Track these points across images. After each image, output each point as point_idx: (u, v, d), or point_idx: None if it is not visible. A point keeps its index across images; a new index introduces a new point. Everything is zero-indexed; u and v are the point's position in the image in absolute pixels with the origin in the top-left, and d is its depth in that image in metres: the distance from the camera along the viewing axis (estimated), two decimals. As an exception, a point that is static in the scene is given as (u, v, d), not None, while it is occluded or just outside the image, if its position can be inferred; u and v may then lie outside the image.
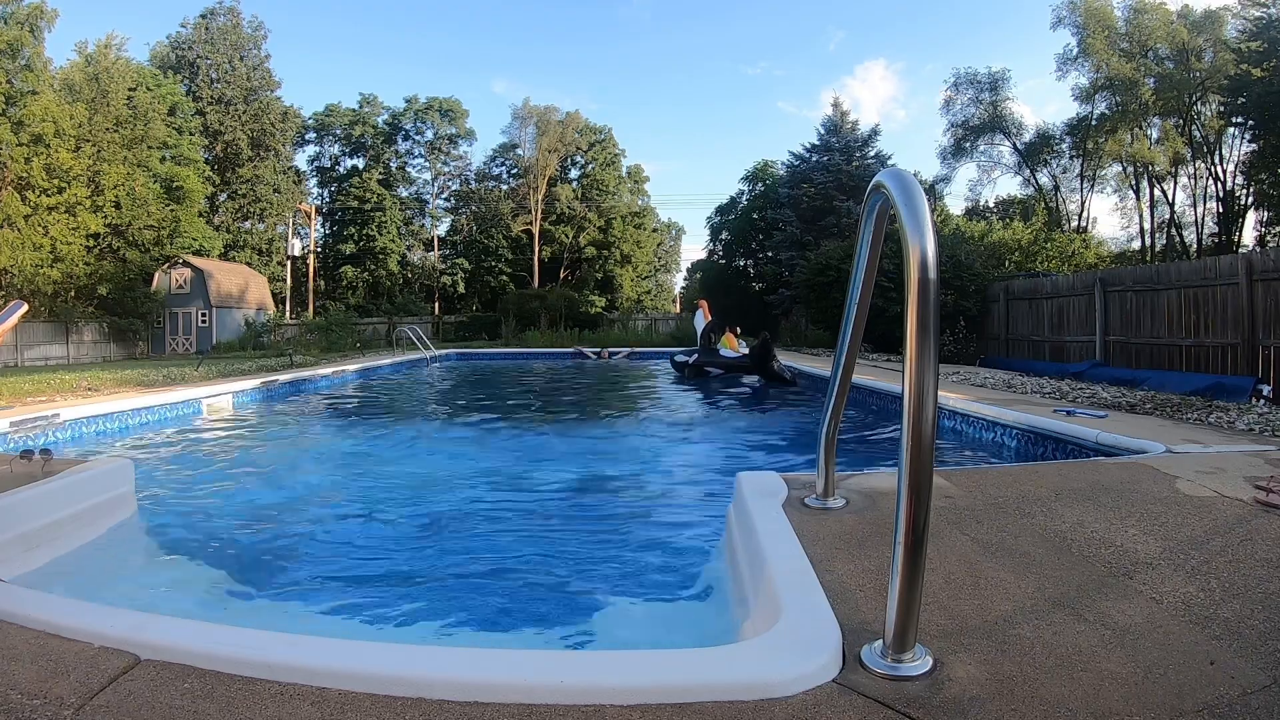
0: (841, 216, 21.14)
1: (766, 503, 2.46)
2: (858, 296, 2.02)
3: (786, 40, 60.82)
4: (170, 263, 26.01)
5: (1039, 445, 4.85)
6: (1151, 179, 26.19)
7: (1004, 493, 2.68)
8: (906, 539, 1.32)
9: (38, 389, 7.64)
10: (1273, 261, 8.28)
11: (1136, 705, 1.23)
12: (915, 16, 58.38)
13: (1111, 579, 1.84)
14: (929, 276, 1.29)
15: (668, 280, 46.77)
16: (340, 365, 12.65)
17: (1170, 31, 23.32)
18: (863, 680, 1.33)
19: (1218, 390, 7.21)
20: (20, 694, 1.31)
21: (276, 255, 36.89)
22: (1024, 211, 28.12)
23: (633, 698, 1.27)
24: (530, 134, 37.13)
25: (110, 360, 21.41)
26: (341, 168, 39.61)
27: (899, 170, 1.53)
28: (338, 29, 58.87)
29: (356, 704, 1.27)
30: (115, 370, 11.71)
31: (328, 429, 7.23)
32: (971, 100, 28.08)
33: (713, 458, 5.72)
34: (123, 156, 23.47)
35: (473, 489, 4.46)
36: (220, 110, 33.48)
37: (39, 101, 21.24)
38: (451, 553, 3.18)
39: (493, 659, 1.52)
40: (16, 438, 5.03)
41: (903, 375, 1.33)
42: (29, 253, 20.74)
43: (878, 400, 7.47)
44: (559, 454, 5.87)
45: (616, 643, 2.26)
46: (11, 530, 2.55)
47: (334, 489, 4.52)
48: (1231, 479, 2.86)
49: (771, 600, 1.70)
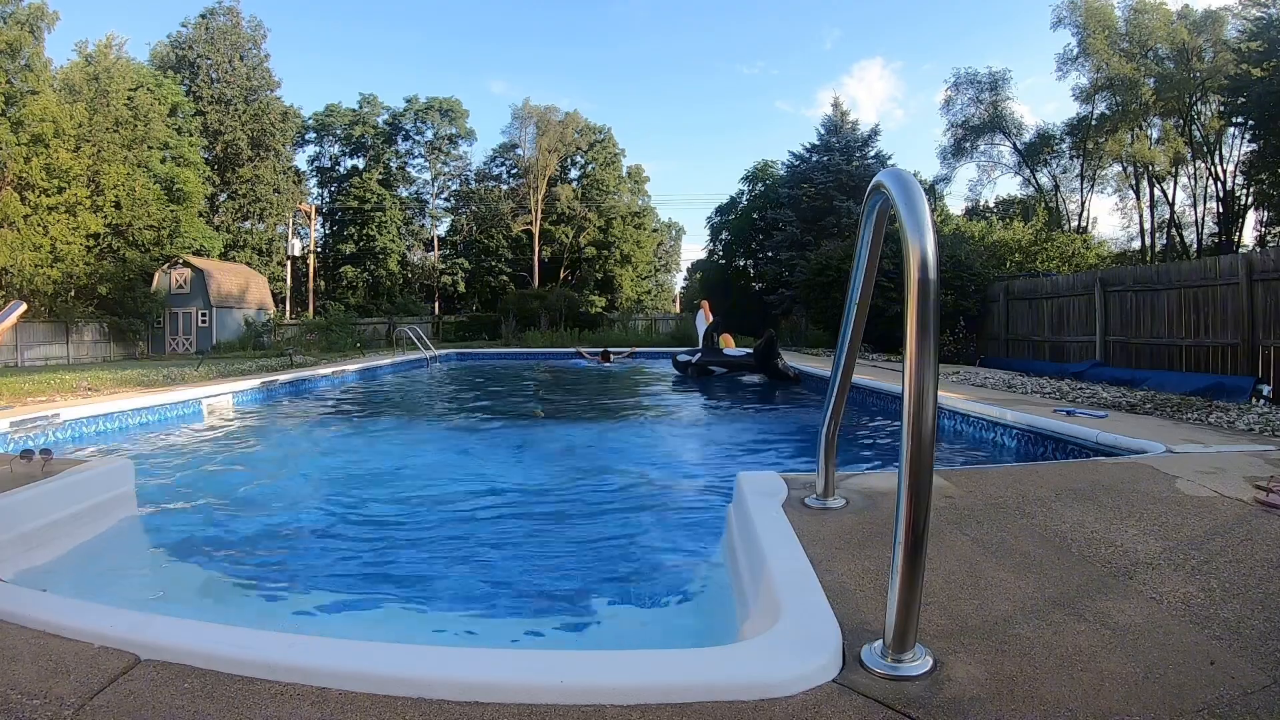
0: (841, 216, 21.15)
1: (766, 503, 2.46)
2: (858, 296, 2.02)
3: (782, 40, 60.73)
4: (170, 263, 25.98)
5: (1039, 445, 4.85)
6: (1151, 179, 26.19)
7: (1004, 493, 2.68)
8: (906, 539, 1.32)
9: (38, 389, 7.63)
10: (1273, 261, 8.28)
11: (1136, 705, 1.23)
12: (911, 16, 58.37)
13: (1111, 579, 1.84)
14: (929, 276, 1.29)
15: (668, 280, 46.77)
16: (340, 365, 12.65)
17: (1170, 31, 23.34)
18: (863, 680, 1.33)
19: (1218, 390, 7.21)
20: (20, 694, 1.31)
21: (276, 255, 36.88)
22: (1024, 211, 28.09)
23: (633, 698, 1.27)
24: (530, 134, 37.10)
25: (110, 360, 21.39)
26: (341, 168, 39.60)
27: (899, 170, 1.53)
28: (338, 29, 58.92)
29: (356, 704, 1.27)
30: (115, 370, 11.70)
31: (328, 429, 7.23)
32: (972, 100, 28.12)
33: (713, 458, 5.72)
34: (123, 156, 23.44)
35: (472, 489, 4.47)
36: (220, 110, 33.46)
37: (39, 101, 21.21)
38: (451, 553, 3.19)
39: (493, 659, 1.52)
40: (16, 438, 5.03)
41: (903, 375, 1.33)
42: (29, 253, 20.72)
43: (878, 400, 7.47)
44: (559, 453, 5.87)
45: (617, 643, 2.26)
46: (11, 530, 2.56)
47: (334, 489, 4.52)
48: (1231, 479, 2.86)
49: (771, 600, 1.70)
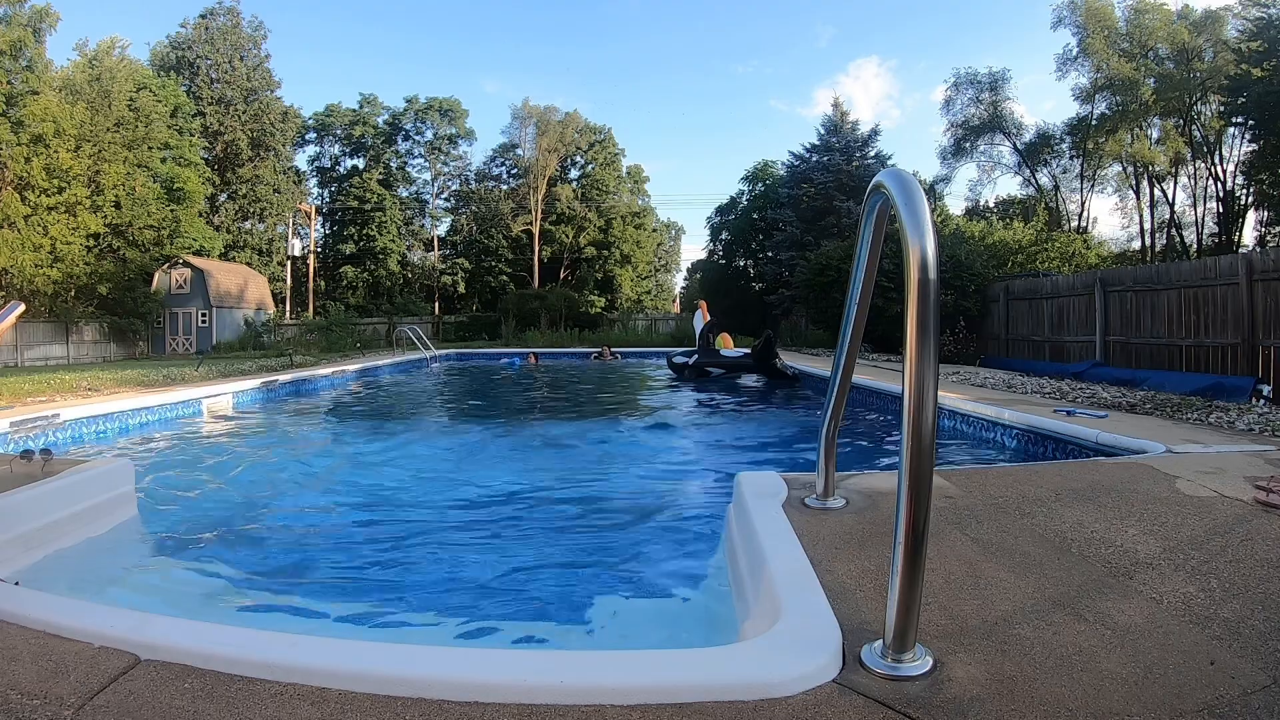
0: (841, 216, 21.15)
1: (766, 503, 2.46)
2: (858, 296, 2.02)
3: (775, 38, 60.61)
4: (170, 263, 25.98)
5: (1039, 445, 4.85)
6: (1151, 179, 26.18)
7: (1004, 493, 2.68)
8: (906, 539, 1.32)
9: (38, 389, 7.63)
10: (1273, 261, 8.28)
11: (1136, 705, 1.23)
12: (904, 14, 58.23)
13: (1111, 579, 1.84)
14: (929, 276, 1.29)
15: (668, 280, 46.76)
16: (340, 365, 12.65)
17: (1170, 31, 23.32)
18: (863, 680, 1.33)
19: (1218, 390, 7.21)
20: (20, 694, 1.31)
21: (276, 255, 36.86)
22: (1024, 212, 28.10)
23: (633, 698, 1.27)
24: (530, 134, 37.07)
25: (110, 360, 21.39)
26: (341, 168, 39.57)
27: (899, 170, 1.53)
28: (338, 29, 58.85)
29: (356, 704, 1.27)
30: (115, 370, 11.70)
31: (328, 429, 7.23)
32: (971, 100, 28.09)
33: (713, 458, 5.72)
34: (123, 156, 23.43)
35: (472, 489, 4.47)
36: (220, 110, 33.45)
37: (39, 102, 21.21)
38: (451, 553, 3.19)
39: (493, 659, 1.52)
40: (17, 438, 5.03)
41: (903, 375, 1.33)
42: (29, 253, 20.72)
43: (878, 400, 7.47)
44: (557, 453, 5.87)
45: (616, 643, 2.26)
46: (11, 530, 2.55)
47: (334, 489, 4.52)
48: (1231, 479, 2.86)
49: (771, 600, 1.70)
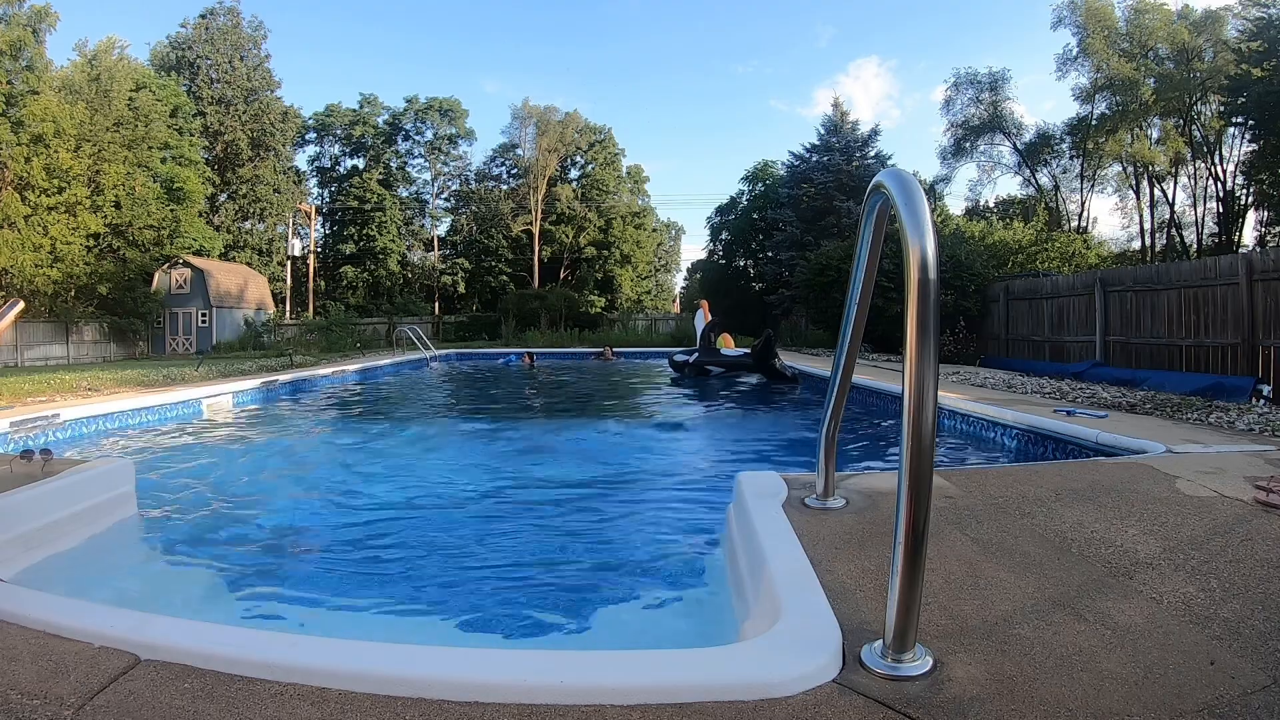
0: (841, 216, 21.15)
1: (766, 503, 2.45)
2: (858, 296, 2.02)
3: (774, 38, 60.62)
4: (170, 263, 25.98)
5: (1039, 445, 4.85)
6: (1151, 179, 26.17)
7: (1004, 493, 2.68)
8: (906, 539, 1.32)
9: (38, 389, 7.63)
10: (1273, 261, 8.28)
11: (1136, 705, 1.23)
12: (904, 14, 58.28)
13: (1111, 579, 1.84)
14: (929, 276, 1.29)
15: (668, 280, 46.76)
16: (340, 365, 12.65)
17: (1170, 31, 23.31)
18: (863, 680, 1.33)
19: (1218, 390, 7.21)
20: (20, 694, 1.31)
21: (276, 255, 36.86)
22: (1024, 212, 28.10)
23: (633, 698, 1.27)
24: (530, 134, 37.07)
25: (110, 360, 21.39)
26: (341, 168, 39.57)
27: (899, 170, 1.53)
28: (338, 29, 58.86)
29: (356, 704, 1.27)
30: (115, 370, 11.70)
31: (328, 429, 7.23)
32: (971, 100, 28.09)
33: (713, 458, 5.72)
34: (123, 156, 23.43)
35: (472, 489, 4.47)
36: (220, 110, 33.45)
37: (39, 102, 21.20)
38: (451, 553, 3.19)
39: (493, 659, 1.52)
40: (17, 438, 5.03)
41: (903, 375, 1.33)
42: (29, 253, 20.72)
43: (878, 400, 7.47)
44: (558, 453, 5.87)
45: (617, 643, 2.26)
46: (11, 530, 2.55)
47: (334, 489, 4.52)
48: (1231, 479, 2.85)
49: (771, 600, 1.70)
